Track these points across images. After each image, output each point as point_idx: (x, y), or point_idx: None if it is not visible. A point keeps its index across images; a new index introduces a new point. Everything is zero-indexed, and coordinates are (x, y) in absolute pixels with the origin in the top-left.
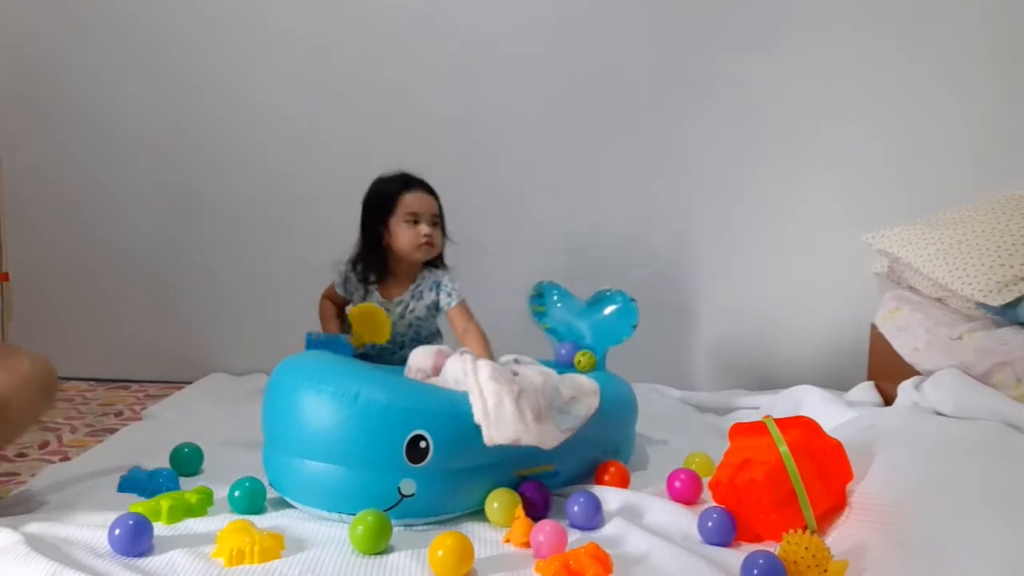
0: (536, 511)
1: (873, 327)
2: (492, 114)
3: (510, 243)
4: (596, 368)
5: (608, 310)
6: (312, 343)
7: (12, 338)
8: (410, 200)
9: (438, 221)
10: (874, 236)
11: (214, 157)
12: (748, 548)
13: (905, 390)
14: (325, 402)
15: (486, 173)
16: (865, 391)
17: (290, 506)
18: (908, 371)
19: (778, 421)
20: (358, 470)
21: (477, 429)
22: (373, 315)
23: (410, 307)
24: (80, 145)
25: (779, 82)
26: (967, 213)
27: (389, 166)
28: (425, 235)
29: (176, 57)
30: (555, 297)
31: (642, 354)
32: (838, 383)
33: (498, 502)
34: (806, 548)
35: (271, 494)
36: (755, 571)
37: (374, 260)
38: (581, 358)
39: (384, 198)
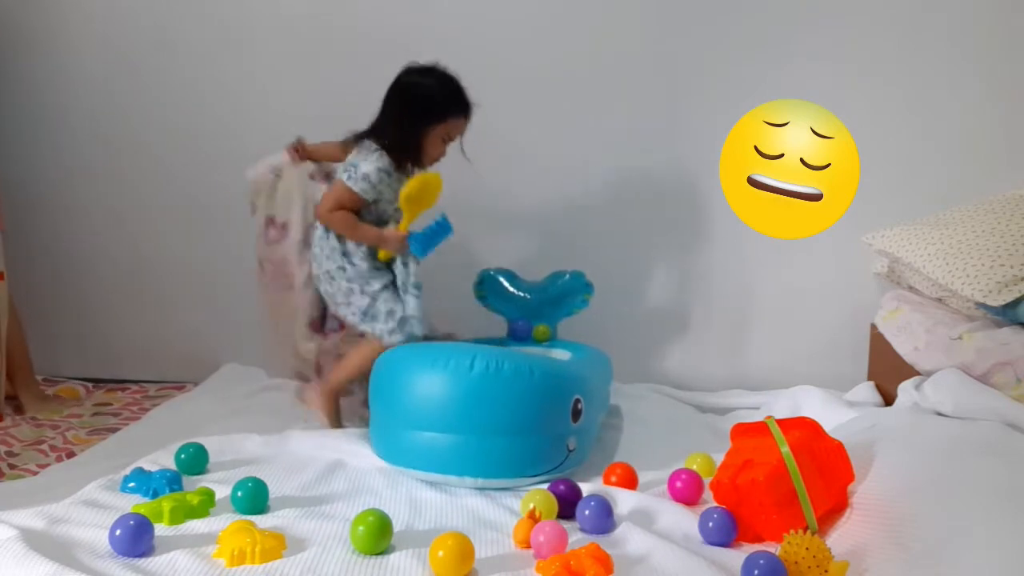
0: (569, 511)
1: (873, 327)
2: (492, 115)
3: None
4: (551, 338)
5: (560, 287)
6: (417, 238)
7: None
8: (457, 126)
9: None
10: (874, 236)
11: (213, 157)
12: (749, 548)
13: (905, 390)
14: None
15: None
16: (865, 391)
17: (291, 506)
18: (908, 371)
19: (779, 422)
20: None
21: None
22: (426, 183)
23: None
24: (80, 146)
25: (778, 82)
26: (967, 213)
27: None
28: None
29: (176, 58)
30: (501, 280)
31: (642, 354)
32: (838, 383)
33: (534, 503)
34: (807, 548)
35: (274, 493)
36: (756, 571)
37: (412, 153)
38: (538, 330)
39: (436, 110)
